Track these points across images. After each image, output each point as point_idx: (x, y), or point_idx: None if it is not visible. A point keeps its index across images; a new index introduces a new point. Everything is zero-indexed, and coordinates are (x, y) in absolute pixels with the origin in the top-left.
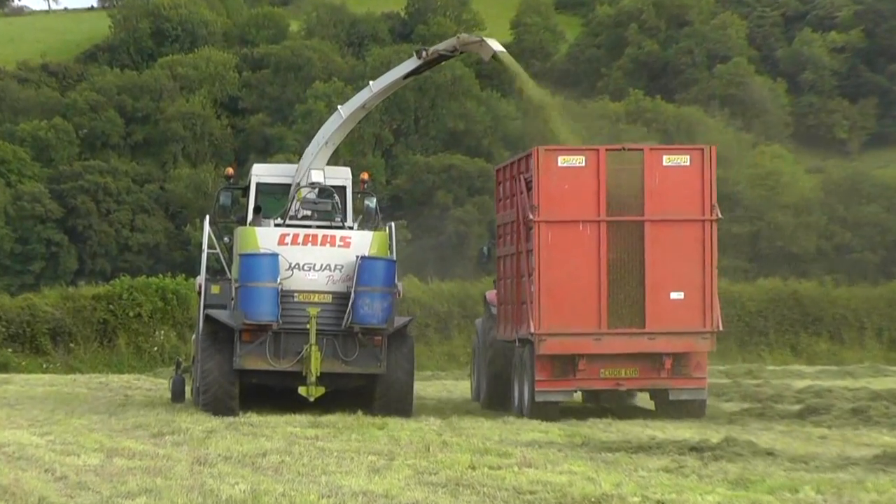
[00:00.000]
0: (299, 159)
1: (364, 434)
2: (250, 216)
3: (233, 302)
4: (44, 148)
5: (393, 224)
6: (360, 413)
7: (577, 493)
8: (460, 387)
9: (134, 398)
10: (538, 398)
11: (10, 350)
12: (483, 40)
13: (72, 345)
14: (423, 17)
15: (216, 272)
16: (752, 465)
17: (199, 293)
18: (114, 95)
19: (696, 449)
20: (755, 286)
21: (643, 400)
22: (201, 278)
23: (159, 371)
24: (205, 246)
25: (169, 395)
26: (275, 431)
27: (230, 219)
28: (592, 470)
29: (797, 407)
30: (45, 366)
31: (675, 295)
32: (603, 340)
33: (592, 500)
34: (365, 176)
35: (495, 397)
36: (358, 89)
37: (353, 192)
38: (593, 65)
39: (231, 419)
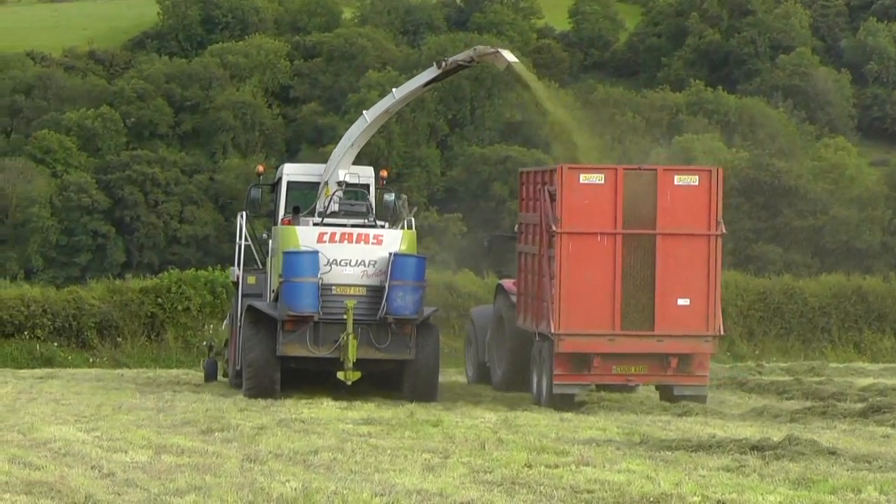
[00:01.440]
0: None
1: (418, 431)
2: (281, 212)
3: (273, 293)
4: (90, 137)
5: (413, 219)
6: (414, 411)
7: (635, 493)
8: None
9: (182, 393)
10: (556, 390)
11: (55, 344)
12: (498, 51)
13: (119, 339)
14: (479, 4)
15: (246, 263)
16: (815, 465)
17: (237, 283)
18: (162, 84)
19: (757, 448)
20: (818, 282)
21: (645, 391)
22: (237, 270)
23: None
24: (241, 240)
25: (203, 377)
26: (326, 428)
27: (261, 213)
28: (651, 469)
29: (860, 405)
30: (91, 360)
31: (682, 301)
32: (616, 341)
33: (651, 499)
34: (384, 173)
35: (515, 380)
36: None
37: (374, 189)
38: (653, 54)
39: (282, 416)
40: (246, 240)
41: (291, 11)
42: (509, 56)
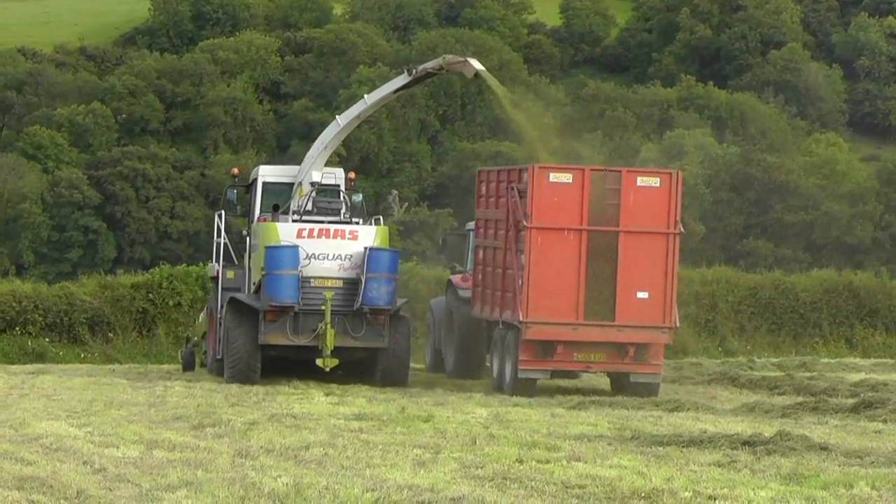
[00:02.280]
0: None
1: (409, 427)
2: (257, 212)
3: (254, 286)
4: (81, 133)
5: (381, 217)
6: (405, 406)
7: (626, 488)
8: None
9: (174, 389)
10: (521, 375)
11: (47, 339)
12: (467, 60)
13: (110, 334)
14: (469, 0)
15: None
16: (806, 460)
17: (216, 278)
18: (153, 80)
19: (748, 443)
20: (809, 277)
21: (591, 377)
22: (216, 265)
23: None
24: (221, 237)
25: (182, 367)
26: (318, 424)
27: (236, 213)
28: (643, 464)
29: (852, 401)
30: (82, 355)
31: (641, 294)
32: (579, 330)
33: (643, 494)
34: (352, 175)
35: (466, 367)
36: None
37: (343, 189)
38: (644, 49)
39: (274, 411)
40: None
41: (282, 7)
42: (477, 65)
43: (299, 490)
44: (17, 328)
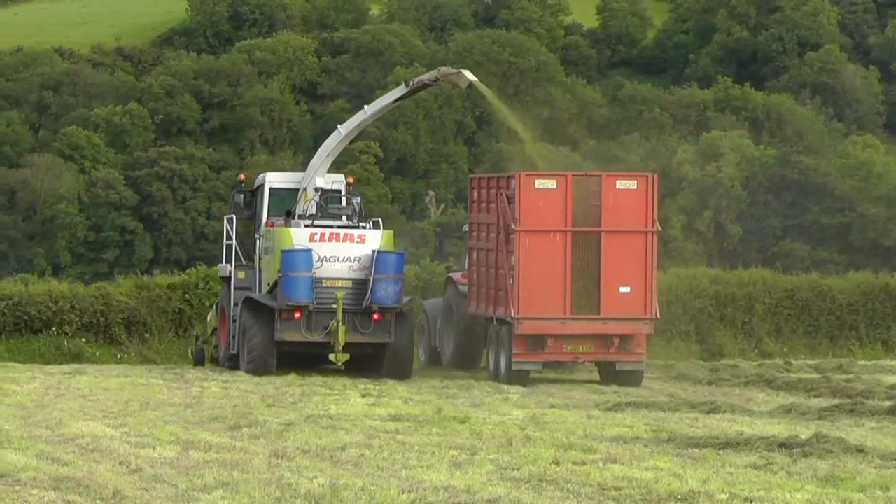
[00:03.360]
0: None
1: (445, 428)
2: (264, 216)
3: (268, 286)
4: (118, 133)
5: (381, 219)
6: (442, 407)
7: (663, 490)
8: (544, 381)
9: (210, 390)
10: (514, 367)
11: (83, 340)
12: (460, 72)
13: (146, 335)
14: (506, 1)
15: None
16: (843, 462)
17: (227, 279)
18: (190, 80)
19: (785, 445)
20: (846, 279)
21: (583, 369)
22: (228, 266)
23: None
24: (232, 240)
25: (192, 362)
26: (354, 425)
27: (243, 217)
28: (679, 466)
29: (888, 403)
30: (118, 356)
31: (623, 289)
32: (567, 323)
33: (679, 496)
34: (350, 180)
35: (464, 359)
36: None
37: (344, 193)
38: (681, 51)
39: (310, 412)
40: (228, 239)
41: (319, 8)
42: (470, 76)
43: (335, 491)
44: (54, 328)
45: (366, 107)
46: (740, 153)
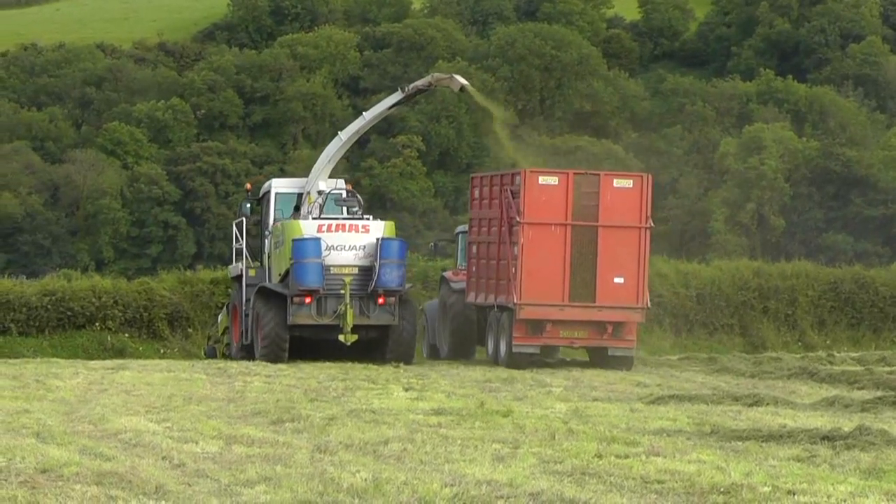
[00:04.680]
0: (312, 168)
1: (488, 422)
2: (271, 220)
3: (278, 276)
4: (161, 129)
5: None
6: (484, 401)
7: (705, 483)
8: (587, 373)
9: (253, 384)
10: (515, 350)
11: (126, 335)
12: (453, 76)
13: (189, 330)
14: None
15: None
16: (885, 455)
17: (238, 277)
18: (232, 75)
19: (827, 438)
20: (889, 271)
21: (568, 353)
22: (240, 265)
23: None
24: (242, 243)
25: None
26: (397, 419)
27: (251, 221)
28: (722, 459)
29: None
30: (162, 351)
31: (617, 279)
32: (565, 310)
33: (722, 489)
34: (349, 187)
35: (459, 348)
36: (483, 69)
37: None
38: (723, 44)
39: (353, 407)
40: (237, 242)
41: (361, 2)
42: (462, 80)
43: (378, 485)
44: (97, 324)
45: (364, 113)
46: (783, 145)
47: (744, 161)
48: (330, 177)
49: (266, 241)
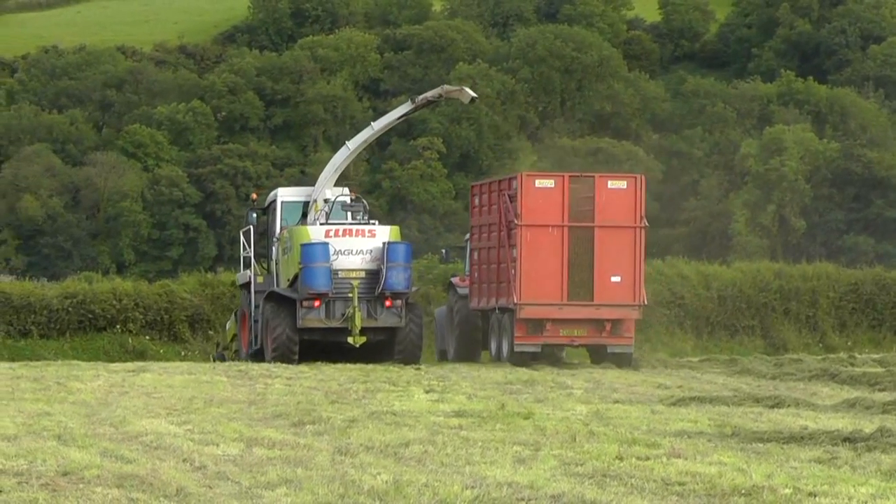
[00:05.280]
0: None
1: (509, 424)
2: (277, 228)
3: (286, 281)
4: (181, 131)
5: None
6: (505, 403)
7: (727, 485)
8: (608, 375)
9: (274, 387)
10: (516, 349)
11: (147, 337)
12: (462, 89)
13: (210, 332)
14: None
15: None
16: None
17: (248, 284)
18: (253, 77)
19: (848, 439)
20: None
21: (573, 354)
22: (248, 273)
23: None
24: (249, 251)
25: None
26: (418, 421)
27: (258, 230)
28: (743, 461)
29: None
30: (182, 353)
31: (614, 278)
32: (563, 309)
33: (743, 491)
34: (353, 195)
35: (465, 350)
36: (503, 71)
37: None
38: (744, 45)
39: (373, 409)
40: (245, 250)
41: (381, 4)
42: (471, 92)
43: (399, 487)
44: (118, 326)
45: (372, 123)
46: (803, 147)
47: (764, 162)
48: (336, 185)
49: (273, 248)
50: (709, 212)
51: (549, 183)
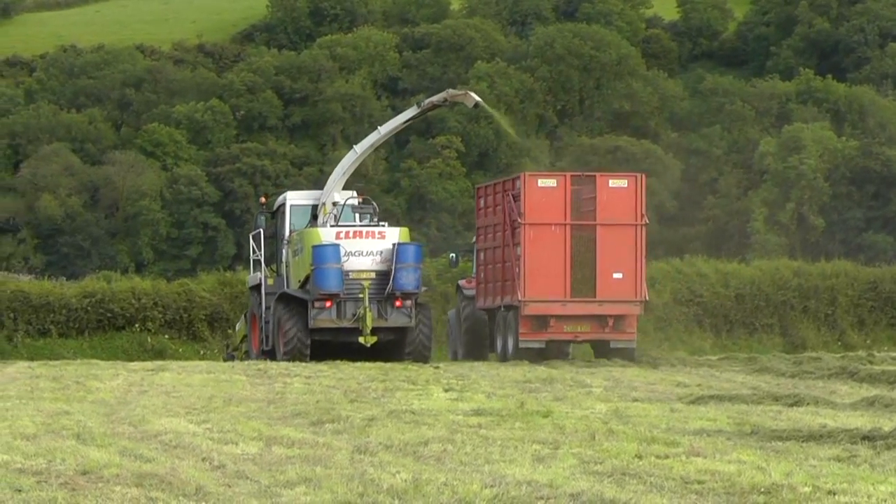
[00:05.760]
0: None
1: (528, 422)
2: (287, 231)
3: (297, 283)
4: (200, 130)
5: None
6: (524, 401)
7: (746, 483)
8: (627, 373)
9: (293, 385)
10: (521, 345)
11: (166, 336)
12: (467, 93)
13: (229, 331)
14: None
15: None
16: None
17: (259, 286)
18: (271, 76)
19: (868, 437)
20: None
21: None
22: (258, 275)
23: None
24: (259, 254)
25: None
26: (437, 420)
27: (267, 234)
28: (762, 459)
29: None
30: (201, 352)
31: (616, 275)
32: (567, 306)
33: (762, 489)
34: (361, 197)
35: (472, 350)
36: (522, 70)
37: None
38: (762, 43)
39: (392, 407)
40: (254, 254)
41: (400, 3)
42: (475, 97)
43: (418, 486)
44: (137, 325)
45: (379, 127)
46: (822, 145)
47: (783, 161)
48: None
49: (283, 251)
50: (727, 210)
51: (551, 182)
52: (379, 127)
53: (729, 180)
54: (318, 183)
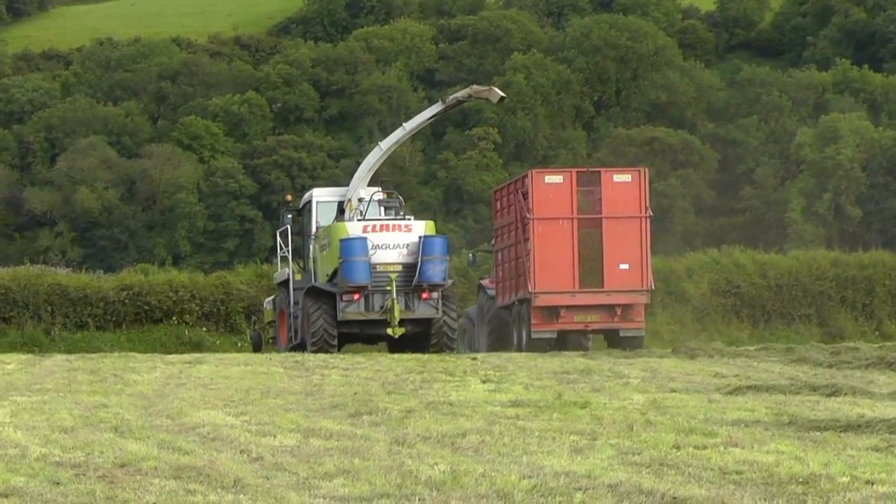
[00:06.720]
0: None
1: (566, 413)
2: (314, 228)
3: (326, 276)
4: (237, 123)
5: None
6: (562, 392)
7: (784, 473)
8: (665, 364)
9: (331, 377)
10: (533, 336)
11: (204, 329)
12: (491, 88)
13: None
14: None
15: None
16: None
17: (287, 281)
18: (308, 68)
19: None
20: None
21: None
22: (286, 270)
23: (357, 350)
24: (287, 251)
25: (252, 347)
26: (474, 411)
27: (293, 231)
28: (800, 449)
29: None
30: (239, 344)
31: (623, 266)
32: (576, 296)
33: (800, 479)
34: (385, 193)
35: (496, 343)
36: (558, 61)
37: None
38: (799, 34)
39: (430, 399)
40: (282, 250)
41: None
42: (500, 92)
43: (456, 477)
44: (175, 318)
45: (404, 124)
46: (859, 135)
47: (820, 151)
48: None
49: (310, 246)
50: (765, 200)
51: (557, 178)
52: (404, 123)
53: (766, 171)
54: (341, 182)
